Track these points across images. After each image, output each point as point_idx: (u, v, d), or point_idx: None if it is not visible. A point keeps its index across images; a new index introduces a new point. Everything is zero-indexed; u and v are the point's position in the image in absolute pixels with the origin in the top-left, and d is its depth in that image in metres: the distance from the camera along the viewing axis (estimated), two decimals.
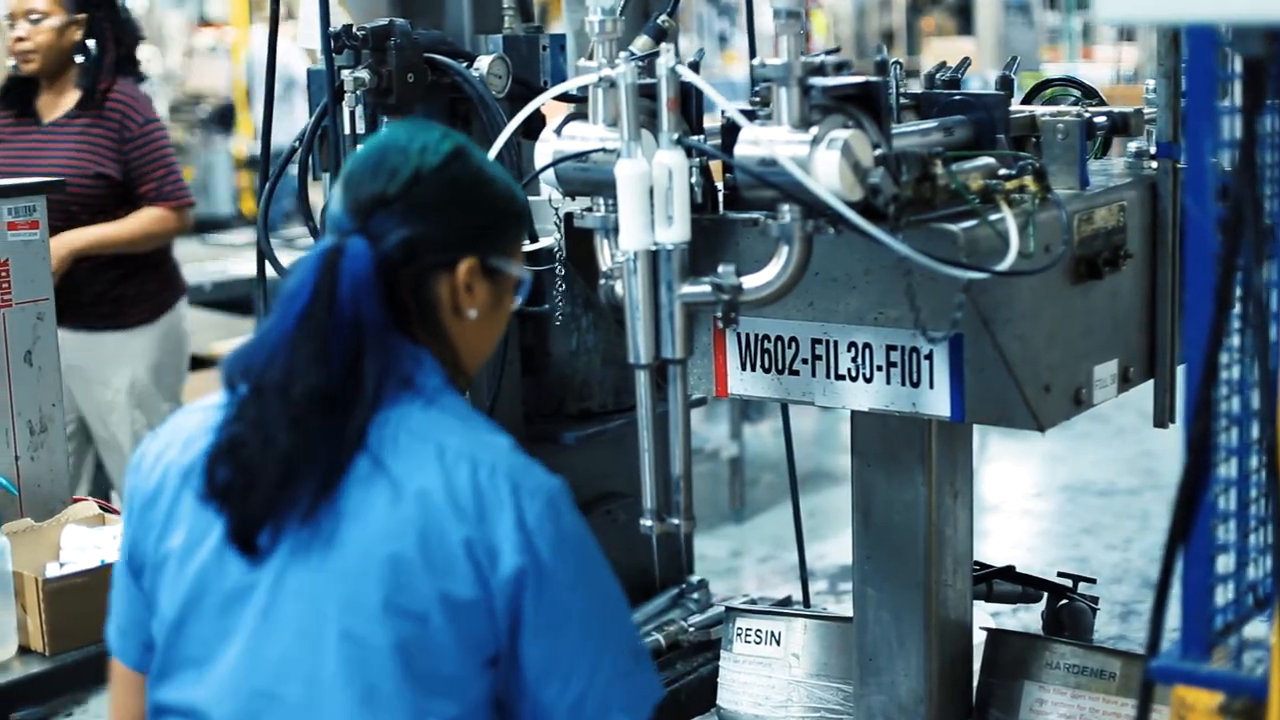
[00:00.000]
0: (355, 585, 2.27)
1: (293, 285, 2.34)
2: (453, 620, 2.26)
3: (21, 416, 3.66)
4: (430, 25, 3.84)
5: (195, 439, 2.39)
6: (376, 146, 2.43)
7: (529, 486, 2.32)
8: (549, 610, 2.29)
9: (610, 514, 4.28)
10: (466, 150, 2.46)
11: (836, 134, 2.58)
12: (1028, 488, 7.98)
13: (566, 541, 2.33)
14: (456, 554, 2.26)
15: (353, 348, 2.31)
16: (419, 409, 2.35)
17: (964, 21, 22.47)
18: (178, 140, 15.64)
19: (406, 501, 2.28)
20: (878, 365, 2.94)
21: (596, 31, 2.79)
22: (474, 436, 2.36)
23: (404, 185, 2.38)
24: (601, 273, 2.85)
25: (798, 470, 4.66)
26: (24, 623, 3.20)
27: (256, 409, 2.31)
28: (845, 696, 3.43)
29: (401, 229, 2.36)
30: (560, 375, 4.14)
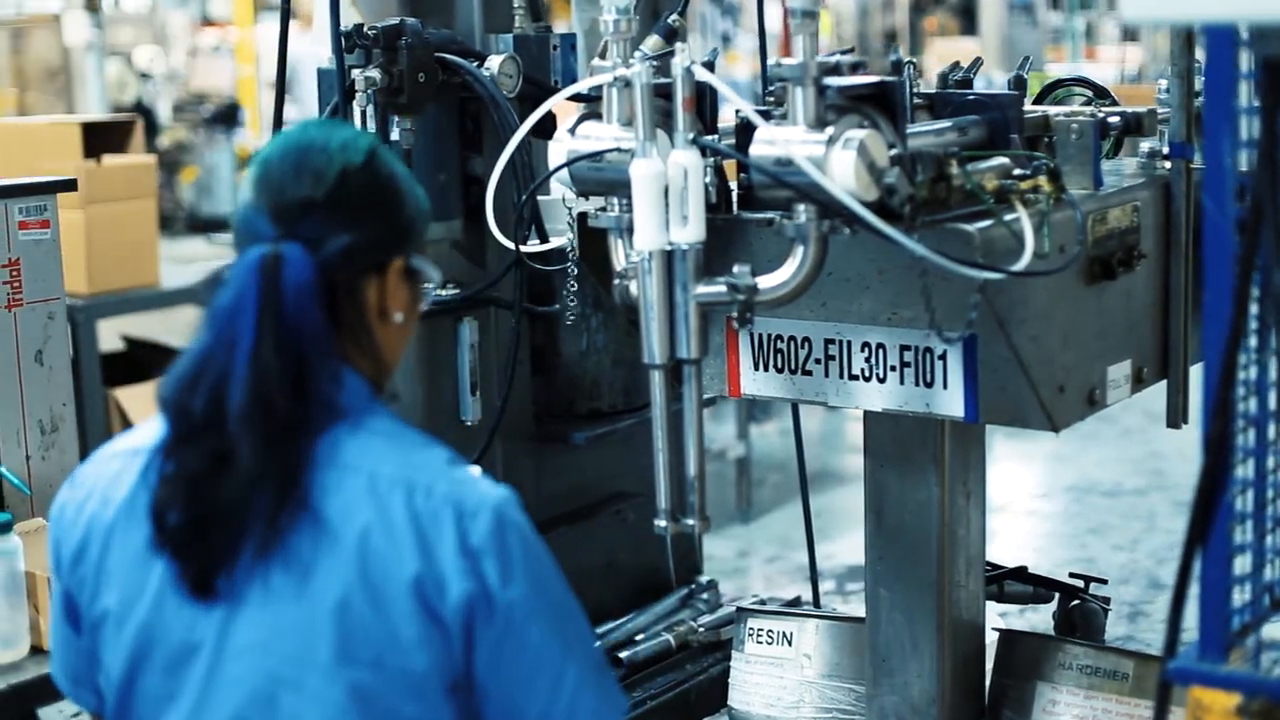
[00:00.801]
0: (303, 640, 2.19)
1: (229, 300, 2.21)
2: (407, 659, 2.20)
3: (32, 416, 3.66)
4: (440, 25, 3.83)
5: (116, 490, 2.31)
6: (293, 145, 2.32)
7: (470, 505, 2.23)
8: (503, 631, 2.22)
9: (619, 514, 4.28)
10: (380, 146, 2.38)
11: (852, 134, 2.57)
12: (1033, 488, 7.97)
13: (514, 559, 2.23)
14: (404, 594, 2.19)
15: (295, 365, 2.21)
16: (345, 434, 2.25)
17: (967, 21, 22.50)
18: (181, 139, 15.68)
19: (345, 547, 2.19)
20: (891, 365, 2.93)
21: (611, 31, 2.78)
22: (406, 458, 2.26)
23: (332, 186, 2.28)
24: (616, 273, 2.84)
25: None
26: (36, 623, 3.20)
27: (211, 439, 2.19)
28: (857, 697, 3.42)
29: (337, 232, 2.27)
30: (570, 375, 4.13)
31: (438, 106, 3.77)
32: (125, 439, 2.38)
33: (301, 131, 2.36)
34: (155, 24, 18.98)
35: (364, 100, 3.63)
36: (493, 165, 3.79)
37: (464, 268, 3.89)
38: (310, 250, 2.24)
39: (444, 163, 3.84)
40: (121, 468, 2.33)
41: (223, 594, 2.21)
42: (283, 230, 2.25)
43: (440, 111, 3.81)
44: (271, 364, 2.18)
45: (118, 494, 2.30)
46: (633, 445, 4.26)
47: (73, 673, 2.44)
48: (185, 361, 2.23)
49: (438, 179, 3.81)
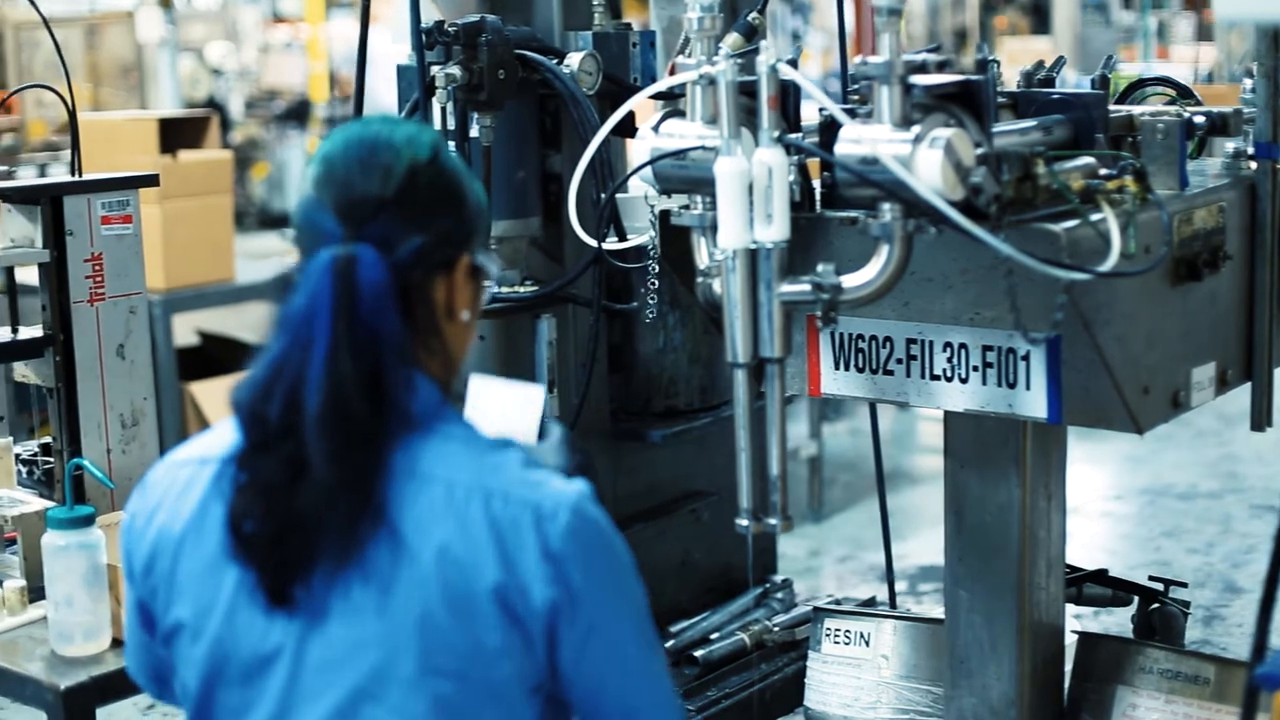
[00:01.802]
0: (386, 654, 2.17)
1: (303, 304, 2.17)
2: (490, 668, 2.18)
3: (113, 410, 3.67)
4: (520, 22, 3.84)
5: (185, 501, 2.29)
6: (357, 141, 2.27)
7: (548, 508, 2.19)
8: (587, 629, 2.20)
9: (694, 512, 4.27)
10: (443, 139, 2.35)
11: (939, 133, 2.56)
12: (1107, 490, 7.91)
13: (594, 556, 2.21)
14: (486, 603, 2.16)
15: (371, 371, 2.17)
16: (420, 442, 2.22)
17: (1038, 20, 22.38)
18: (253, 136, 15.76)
19: (425, 560, 2.16)
20: (973, 366, 2.92)
21: (695, 28, 2.78)
22: (480, 463, 2.23)
23: (401, 183, 2.24)
24: (699, 271, 2.83)
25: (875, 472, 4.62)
26: (118, 615, 3.21)
27: (286, 446, 2.15)
28: (935, 699, 3.41)
29: (408, 232, 2.23)
30: (647, 373, 4.13)
31: (517, 104, 3.77)
32: (194, 446, 2.36)
33: (364, 127, 2.30)
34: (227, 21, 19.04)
35: (444, 97, 3.63)
36: (571, 162, 3.81)
37: (542, 265, 3.89)
38: (382, 251, 2.20)
39: (523, 160, 3.84)
40: (191, 476, 2.30)
41: (300, 604, 2.19)
42: (351, 230, 2.20)
43: (519, 109, 3.81)
44: (348, 369, 2.14)
45: (187, 505, 2.28)
46: (708, 444, 4.26)
47: (154, 673, 2.44)
48: (259, 367, 2.19)
49: (516, 176, 3.82)
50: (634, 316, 4.06)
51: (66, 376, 3.65)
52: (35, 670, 3.14)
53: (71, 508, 3.22)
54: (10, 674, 3.17)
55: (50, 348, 3.64)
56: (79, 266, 3.65)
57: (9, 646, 3.25)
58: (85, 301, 3.65)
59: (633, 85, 3.84)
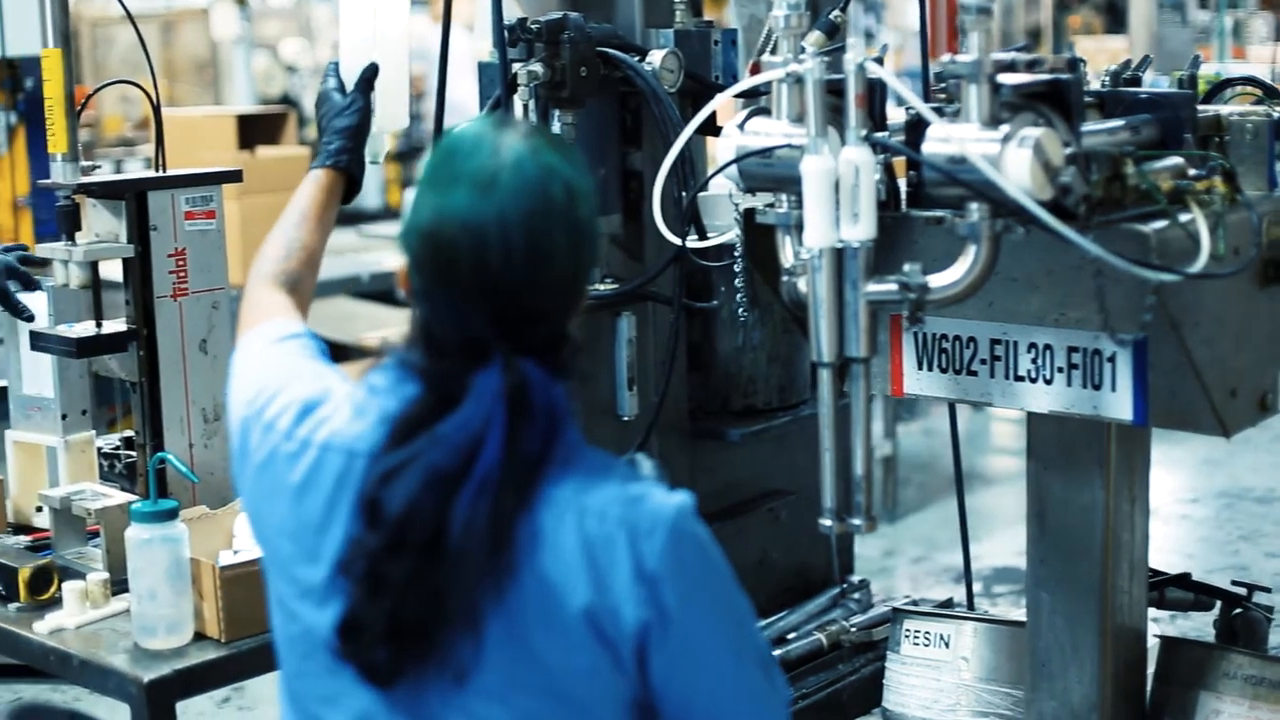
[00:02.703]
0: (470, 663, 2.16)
1: (475, 427, 2.12)
2: (578, 686, 2.15)
3: (196, 404, 3.69)
4: (602, 19, 3.83)
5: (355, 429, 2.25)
6: (523, 232, 2.14)
7: (644, 526, 2.15)
8: (678, 649, 2.16)
9: (772, 511, 4.26)
10: (565, 168, 2.23)
11: (1028, 132, 2.54)
12: (1184, 493, 7.86)
13: (689, 576, 2.17)
14: (576, 625, 2.13)
15: (536, 470, 2.16)
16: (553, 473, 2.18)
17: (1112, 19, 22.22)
18: None
19: (524, 581, 2.14)
20: (1058, 367, 2.90)
21: (782, 26, 2.77)
22: (581, 479, 2.18)
23: (562, 287, 2.20)
24: (784, 270, 2.82)
25: (949, 472, 4.61)
26: (200, 609, 3.22)
27: (406, 562, 2.12)
28: (1015, 701, 3.39)
29: (567, 325, 2.22)
30: (726, 372, 4.12)
31: (598, 101, 3.77)
32: (325, 420, 2.29)
33: (517, 177, 2.16)
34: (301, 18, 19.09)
35: (526, 94, 3.63)
36: (651, 160, 3.81)
37: (622, 262, 3.89)
38: (547, 360, 2.17)
39: (603, 157, 3.84)
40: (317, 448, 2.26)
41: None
42: (513, 341, 2.16)
43: (600, 106, 3.81)
44: (509, 484, 2.12)
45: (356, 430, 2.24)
46: (787, 443, 4.24)
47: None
48: (414, 476, 2.13)
49: (597, 173, 3.81)
50: (713, 315, 4.05)
51: (150, 371, 3.67)
52: (119, 663, 3.16)
53: (155, 502, 3.24)
54: (94, 666, 3.19)
55: (134, 342, 3.66)
56: (163, 261, 3.67)
57: (92, 639, 3.28)
58: (169, 296, 3.67)
59: (714, 83, 3.83)
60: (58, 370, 3.76)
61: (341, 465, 2.24)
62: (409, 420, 2.17)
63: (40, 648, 3.29)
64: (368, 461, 2.21)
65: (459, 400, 2.14)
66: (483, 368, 2.15)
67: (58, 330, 3.68)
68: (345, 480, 2.22)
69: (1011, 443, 8.85)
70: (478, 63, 3.96)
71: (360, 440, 2.23)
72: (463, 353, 2.17)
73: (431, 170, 2.23)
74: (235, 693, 5.72)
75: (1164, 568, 3.63)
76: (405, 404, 2.19)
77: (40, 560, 3.47)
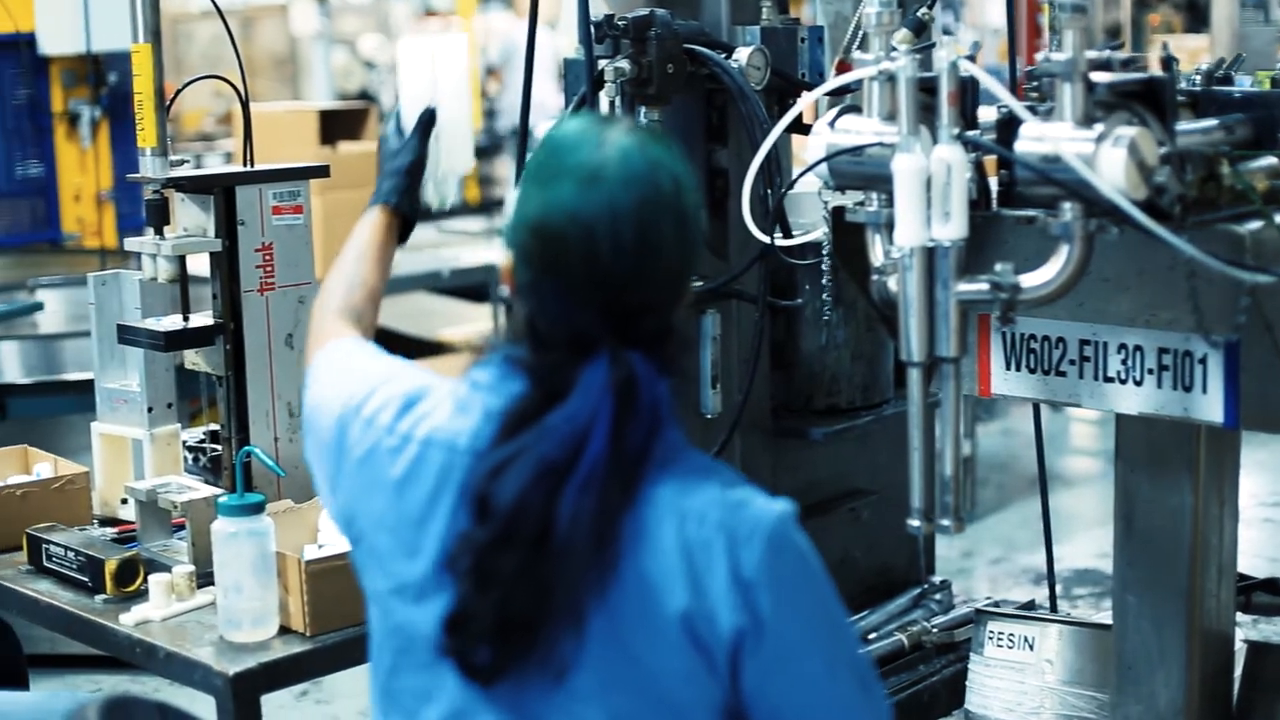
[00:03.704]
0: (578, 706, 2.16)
1: (582, 421, 2.12)
2: (672, 689, 2.14)
3: (281, 399, 3.71)
4: (688, 16, 3.82)
5: (457, 422, 2.25)
6: (632, 223, 2.14)
7: (743, 532, 2.13)
8: (771, 659, 2.14)
9: (854, 511, 4.24)
10: (671, 160, 2.23)
11: (1122, 131, 2.52)
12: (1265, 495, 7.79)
13: (786, 585, 2.15)
14: (673, 629, 2.12)
15: (639, 460, 2.16)
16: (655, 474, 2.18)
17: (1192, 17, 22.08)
18: None
19: (625, 583, 2.13)
20: (1148, 368, 2.88)
21: (873, 24, 2.76)
22: (682, 482, 2.17)
23: (670, 279, 2.20)
24: (873, 268, 2.81)
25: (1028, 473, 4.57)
26: (285, 603, 3.23)
27: (533, 530, 2.12)
28: (1099, 705, 3.37)
29: (672, 318, 2.22)
30: (809, 370, 4.10)
31: (683, 98, 3.76)
32: (426, 415, 2.30)
33: (625, 168, 2.17)
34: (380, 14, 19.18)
35: (612, 91, 3.63)
36: (737, 157, 3.80)
37: (707, 260, 3.88)
38: (652, 354, 2.17)
39: (689, 155, 3.80)
40: (458, 426, 2.26)
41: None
42: (619, 335, 2.15)
43: (686, 103, 3.80)
44: (615, 478, 2.12)
45: (461, 425, 2.24)
46: (869, 442, 4.23)
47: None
48: (523, 469, 2.13)
49: None
50: (797, 313, 4.04)
51: (236, 365, 3.69)
52: (204, 655, 3.17)
53: (242, 495, 3.25)
54: (179, 658, 3.20)
55: (221, 336, 3.68)
56: (250, 256, 3.69)
57: (178, 631, 3.29)
58: (255, 291, 3.69)
59: (801, 81, 3.82)
60: (144, 363, 3.78)
61: (443, 460, 2.24)
62: (516, 415, 2.17)
63: (126, 639, 3.31)
64: (471, 457, 2.21)
65: (566, 394, 2.14)
66: (590, 361, 2.15)
67: (146, 324, 3.70)
68: (447, 475, 2.23)
69: (1090, 444, 8.81)
70: (563, 59, 3.96)
71: (462, 435, 2.24)
72: (569, 346, 2.17)
73: (537, 166, 2.23)
74: (313, 686, 5.75)
75: (1248, 571, 3.59)
76: (512, 399, 2.19)
77: (126, 552, 3.50)
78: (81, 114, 7.63)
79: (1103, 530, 7.11)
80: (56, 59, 7.51)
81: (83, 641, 3.49)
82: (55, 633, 3.64)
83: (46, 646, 5.36)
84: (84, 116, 7.64)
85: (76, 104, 7.65)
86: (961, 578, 6.65)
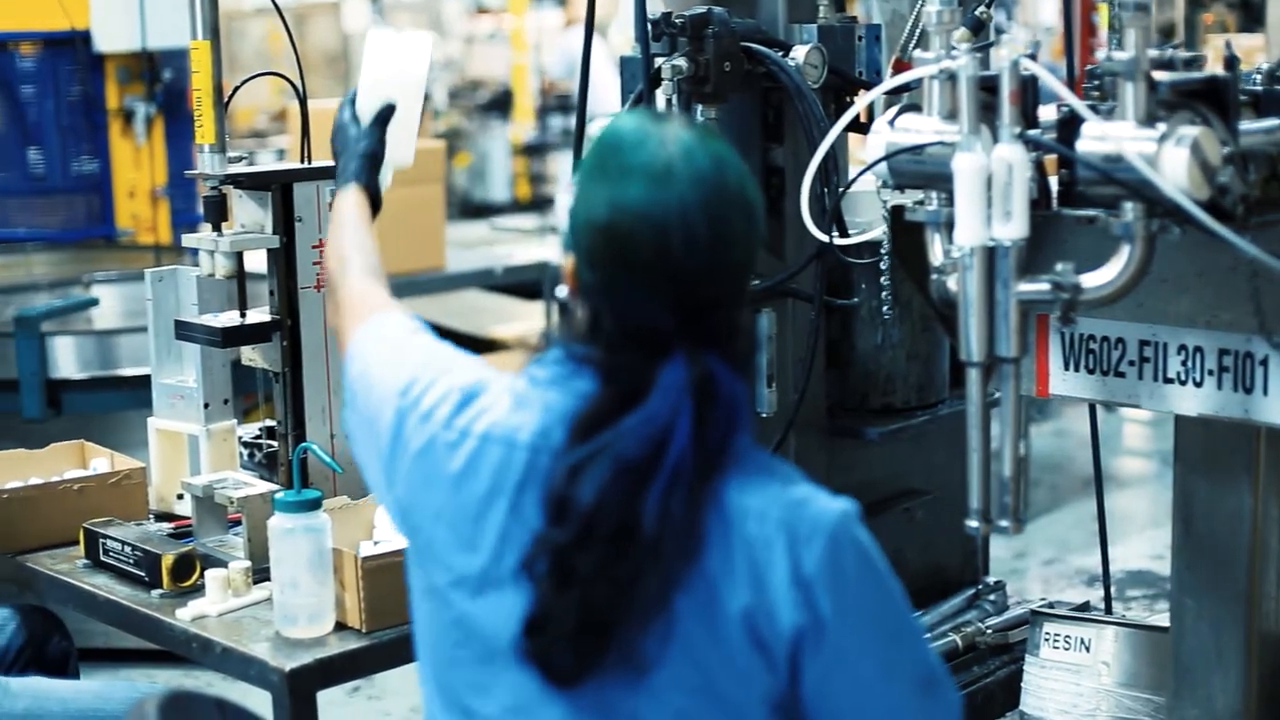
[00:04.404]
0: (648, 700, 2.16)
1: (663, 420, 2.12)
2: (731, 686, 2.14)
3: (337, 395, 3.70)
4: (745, 14, 3.82)
5: (517, 422, 2.25)
6: (703, 219, 2.15)
7: (804, 531, 2.13)
8: (831, 660, 2.14)
9: (908, 511, 4.23)
10: (732, 155, 2.24)
11: (1185, 131, 2.51)
12: None
13: (848, 585, 2.14)
14: (734, 626, 2.13)
15: (719, 467, 2.17)
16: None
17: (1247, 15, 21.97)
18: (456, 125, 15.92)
19: (694, 578, 2.13)
20: (1208, 369, 2.86)
21: (934, 23, 2.75)
22: (743, 480, 2.18)
23: (738, 273, 2.21)
24: (932, 268, 2.80)
25: (1081, 473, 4.55)
26: (341, 599, 3.24)
27: (610, 529, 2.12)
28: (1156, 708, 3.35)
29: (735, 312, 2.22)
30: (864, 370, 4.09)
31: (740, 96, 3.76)
32: (485, 410, 2.30)
33: (691, 164, 2.17)
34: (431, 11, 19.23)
35: (669, 89, 3.62)
36: (794, 156, 3.79)
37: (762, 259, 3.86)
38: (725, 351, 2.17)
39: (745, 153, 3.79)
40: (521, 422, 2.25)
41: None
42: (693, 332, 2.16)
43: (742, 101, 3.79)
44: (696, 476, 2.13)
45: (522, 431, 2.24)
46: (924, 442, 4.21)
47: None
48: (602, 470, 2.13)
49: None
50: (852, 312, 4.03)
51: (293, 361, 3.70)
52: (261, 651, 3.18)
53: (299, 491, 3.26)
54: (235, 653, 3.21)
55: (278, 332, 3.69)
56: (307, 252, 3.70)
57: (234, 626, 3.30)
58: (312, 287, 3.70)
59: (858, 79, 3.81)
60: (201, 359, 3.80)
61: (501, 456, 2.24)
62: (592, 416, 2.17)
63: (183, 634, 3.32)
64: (532, 453, 2.21)
65: (643, 394, 2.14)
66: (664, 360, 2.15)
67: (203, 320, 3.72)
68: (505, 470, 2.23)
69: (1143, 445, 8.77)
70: (619, 57, 3.95)
71: (522, 431, 2.24)
72: (642, 345, 2.17)
73: (596, 165, 2.22)
74: (365, 682, 5.76)
75: None
76: (585, 400, 2.19)
77: (183, 547, 3.51)
78: (136, 111, 7.66)
79: (1156, 532, 7.10)
80: (111, 56, 7.54)
81: (139, 636, 3.50)
82: (110, 627, 3.65)
83: (100, 640, 5.39)
84: (138, 113, 7.67)
85: (131, 101, 7.67)
86: (1014, 579, 6.63)
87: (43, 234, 7.68)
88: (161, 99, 7.69)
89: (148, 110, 7.66)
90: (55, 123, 7.62)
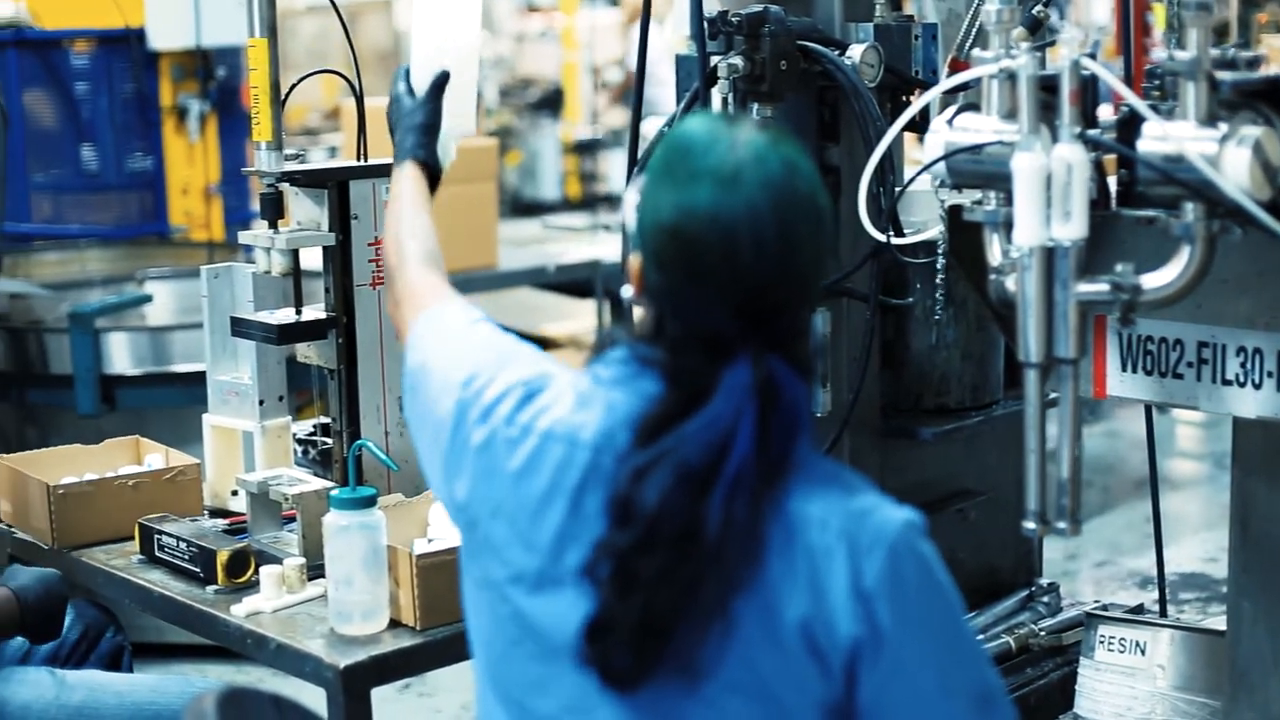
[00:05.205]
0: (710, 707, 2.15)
1: (726, 423, 2.11)
2: (785, 691, 2.13)
3: (392, 393, 3.71)
4: (801, 13, 3.80)
5: (584, 427, 2.24)
6: (772, 224, 2.13)
7: (865, 541, 2.12)
8: (889, 673, 2.12)
9: (961, 512, 4.21)
10: (802, 159, 2.22)
11: (1247, 131, 2.50)
12: None
13: (908, 598, 2.12)
14: (791, 634, 2.11)
15: (781, 472, 2.16)
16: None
17: None
18: (507, 124, 15.94)
19: (754, 584, 2.12)
20: (1268, 371, 2.85)
21: (993, 22, 2.74)
22: (806, 488, 2.16)
23: (806, 279, 2.20)
24: (991, 268, 2.79)
25: (1133, 475, 4.52)
26: (396, 596, 3.24)
27: (658, 558, 2.10)
28: (1212, 712, 3.33)
29: (802, 316, 2.21)
30: (919, 370, 4.08)
31: (796, 95, 3.74)
32: (547, 408, 2.29)
33: (761, 168, 2.16)
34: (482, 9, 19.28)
35: (725, 87, 3.62)
36: (849, 155, 3.78)
37: None
38: (789, 355, 2.16)
39: None
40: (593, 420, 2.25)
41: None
42: (758, 337, 2.14)
43: (798, 100, 3.78)
44: (759, 479, 2.12)
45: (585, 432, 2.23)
46: (978, 443, 4.20)
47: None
48: (665, 473, 2.12)
49: None
50: (907, 312, 4.01)
51: (348, 358, 3.71)
52: (315, 648, 3.19)
53: (354, 488, 3.26)
54: (290, 650, 3.22)
55: (333, 330, 3.70)
56: (362, 250, 3.70)
57: (288, 623, 3.31)
58: (368, 285, 3.70)
59: (915, 78, 3.79)
60: (256, 356, 3.81)
61: (563, 454, 2.24)
62: (656, 418, 2.16)
63: (237, 630, 3.33)
64: (594, 453, 2.21)
65: (707, 396, 2.13)
66: (728, 363, 2.14)
67: (258, 317, 3.73)
68: (566, 468, 2.23)
69: (1195, 447, 8.72)
70: (675, 55, 3.95)
71: (584, 430, 2.23)
72: (707, 348, 2.16)
73: (665, 166, 2.21)
74: (416, 679, 5.77)
75: None
76: (649, 402, 2.18)
77: (237, 544, 3.52)
78: (190, 108, 7.69)
79: (1209, 534, 7.06)
80: (165, 53, 7.57)
81: (194, 632, 3.51)
82: (164, 622, 3.67)
83: (153, 635, 5.41)
84: (192, 110, 7.70)
85: (185, 98, 7.71)
86: (1066, 580, 6.59)
87: (96, 230, 7.71)
88: (215, 96, 7.73)
89: (201, 107, 7.69)
90: (109, 120, 7.65)
